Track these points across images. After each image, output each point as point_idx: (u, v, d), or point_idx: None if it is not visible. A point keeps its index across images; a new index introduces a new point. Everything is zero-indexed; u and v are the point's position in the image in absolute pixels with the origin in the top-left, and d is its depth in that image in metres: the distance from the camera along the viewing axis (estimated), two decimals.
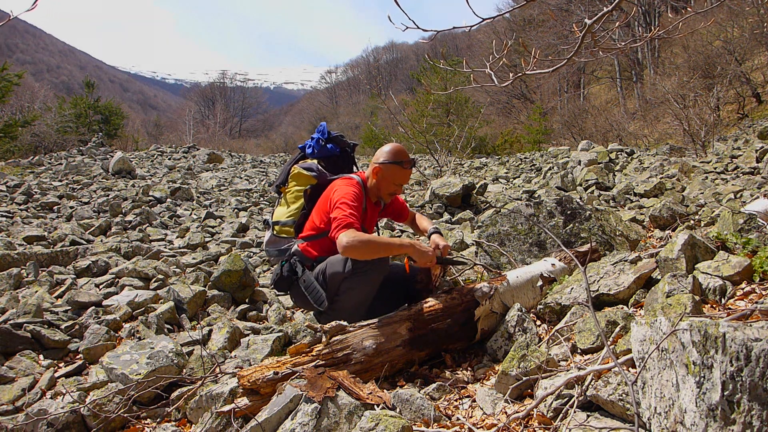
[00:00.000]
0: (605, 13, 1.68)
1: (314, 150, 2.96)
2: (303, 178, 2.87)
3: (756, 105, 19.65)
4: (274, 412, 1.78)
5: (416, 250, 2.45)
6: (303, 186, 2.86)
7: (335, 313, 2.58)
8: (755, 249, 2.39)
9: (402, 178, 2.71)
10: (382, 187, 2.74)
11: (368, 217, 2.82)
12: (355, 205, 2.54)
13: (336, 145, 2.96)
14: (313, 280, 2.65)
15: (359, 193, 2.64)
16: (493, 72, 1.87)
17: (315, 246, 2.75)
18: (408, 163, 2.70)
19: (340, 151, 2.99)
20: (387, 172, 2.69)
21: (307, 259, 2.74)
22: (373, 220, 2.93)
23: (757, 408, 1.16)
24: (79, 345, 3.01)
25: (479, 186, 7.80)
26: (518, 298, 2.61)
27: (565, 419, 1.64)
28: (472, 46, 39.73)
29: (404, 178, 2.72)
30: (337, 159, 2.99)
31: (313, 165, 2.90)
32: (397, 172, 2.70)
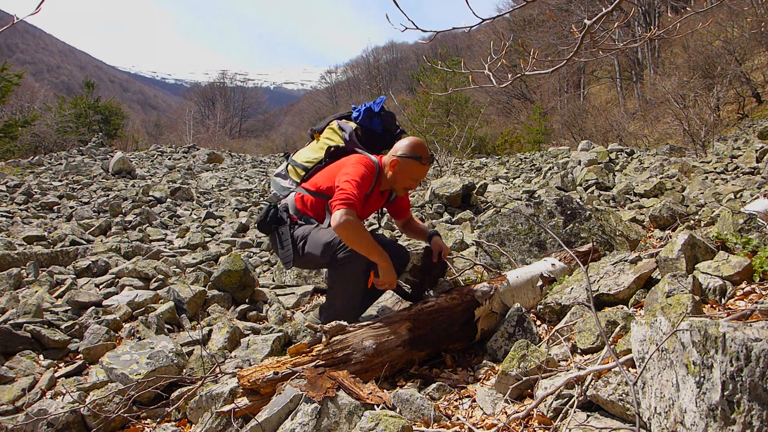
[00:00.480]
0: (605, 13, 1.68)
1: (359, 116, 2.89)
2: (335, 135, 2.85)
3: (756, 105, 19.65)
4: (274, 412, 1.78)
5: (386, 269, 2.46)
6: (330, 142, 2.84)
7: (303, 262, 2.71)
8: (755, 249, 2.39)
9: (419, 174, 2.68)
10: (398, 180, 2.70)
11: (370, 203, 2.78)
12: (363, 187, 2.52)
13: (381, 123, 2.88)
14: (289, 237, 2.66)
15: (371, 176, 2.60)
16: (492, 73, 1.87)
17: (308, 202, 2.75)
18: (426, 159, 2.67)
19: (383, 130, 2.91)
20: (405, 166, 2.65)
21: (296, 211, 2.76)
22: (374, 208, 2.88)
23: (757, 408, 1.16)
24: (79, 345, 3.01)
25: (479, 186, 7.80)
26: (518, 298, 2.61)
27: (565, 419, 1.64)
28: (472, 46, 39.75)
29: (421, 174, 2.69)
30: (376, 136, 2.91)
31: (349, 128, 2.84)
32: (415, 167, 2.66)
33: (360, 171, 2.54)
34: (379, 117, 2.87)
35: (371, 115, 2.87)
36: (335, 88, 76.63)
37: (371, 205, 2.81)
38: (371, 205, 2.80)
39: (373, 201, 2.80)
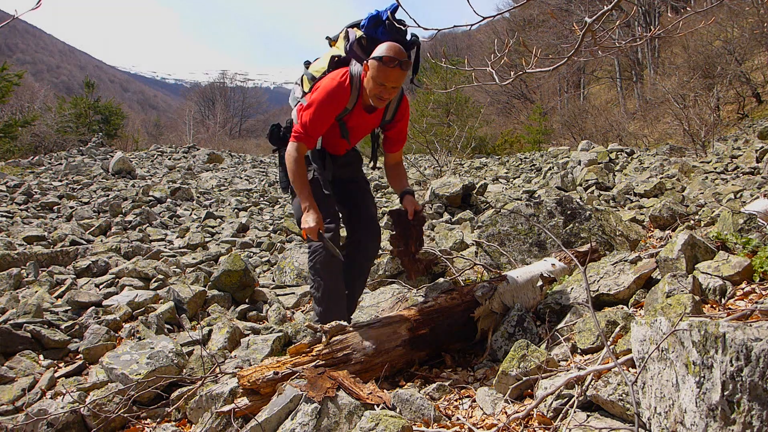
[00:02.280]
0: (606, 11, 1.68)
1: (366, 23, 2.56)
2: (341, 44, 2.61)
3: (756, 105, 19.65)
4: (274, 412, 1.78)
5: (309, 213, 2.36)
6: (336, 51, 2.62)
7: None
8: (755, 249, 2.39)
9: (383, 77, 2.30)
10: (368, 86, 2.38)
11: (353, 120, 2.55)
12: (321, 114, 2.40)
13: (387, 33, 2.50)
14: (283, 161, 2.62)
15: (335, 99, 2.41)
16: (494, 70, 1.87)
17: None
18: (390, 60, 2.26)
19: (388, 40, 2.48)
20: (371, 69, 2.33)
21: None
22: (363, 128, 2.64)
23: (757, 408, 1.16)
24: (79, 345, 3.01)
25: (479, 186, 7.80)
26: (518, 298, 2.61)
27: (565, 419, 1.64)
28: (472, 46, 39.73)
29: (385, 77, 2.30)
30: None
31: (353, 37, 2.57)
32: (379, 69, 2.29)
33: (319, 97, 2.40)
34: (384, 26, 2.52)
35: (377, 23, 2.53)
36: None
37: (356, 123, 2.58)
38: (356, 123, 2.57)
39: (360, 121, 2.57)
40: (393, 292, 3.26)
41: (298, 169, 2.41)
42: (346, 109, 2.47)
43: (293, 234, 6.01)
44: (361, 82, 2.43)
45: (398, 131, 2.72)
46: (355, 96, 2.45)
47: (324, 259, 2.48)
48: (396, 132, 2.72)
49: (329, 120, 2.46)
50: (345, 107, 2.46)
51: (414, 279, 2.67)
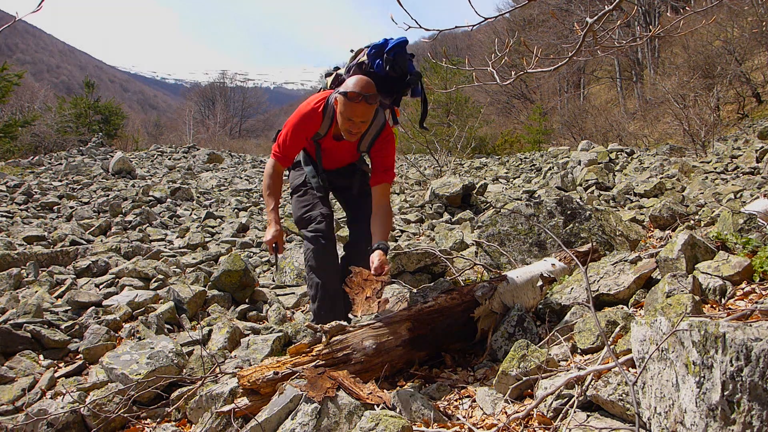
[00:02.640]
0: (607, 11, 1.68)
1: (370, 51, 2.52)
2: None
3: (756, 105, 19.65)
4: (274, 412, 1.78)
5: (267, 229, 2.51)
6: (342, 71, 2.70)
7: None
8: (755, 249, 2.39)
9: (349, 112, 2.28)
10: (339, 120, 2.37)
11: (326, 143, 2.57)
12: (292, 136, 2.48)
13: (382, 66, 2.47)
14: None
15: (304, 124, 2.45)
16: (495, 70, 1.87)
17: None
18: (355, 96, 2.23)
19: (386, 75, 2.48)
20: (339, 104, 2.32)
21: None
22: (338, 154, 2.65)
23: (757, 408, 1.16)
24: (79, 345, 3.01)
25: (479, 186, 7.80)
26: (518, 298, 2.61)
27: (565, 419, 1.64)
28: (472, 46, 39.72)
29: (351, 113, 2.27)
30: (379, 79, 2.45)
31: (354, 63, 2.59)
32: (345, 105, 2.29)
33: (293, 120, 2.49)
34: (384, 58, 2.46)
35: (378, 54, 2.49)
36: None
37: (333, 151, 2.64)
38: (333, 151, 2.63)
39: (333, 147, 2.60)
40: (393, 292, 3.26)
41: (271, 185, 2.54)
42: (318, 134, 2.55)
43: (293, 234, 6.01)
44: (335, 111, 2.42)
45: (378, 162, 2.54)
46: (327, 123, 2.49)
47: (318, 257, 2.54)
48: (376, 162, 2.55)
49: (301, 142, 2.55)
50: (317, 132, 2.53)
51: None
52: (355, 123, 2.32)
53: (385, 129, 2.54)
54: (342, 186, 2.87)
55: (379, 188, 2.52)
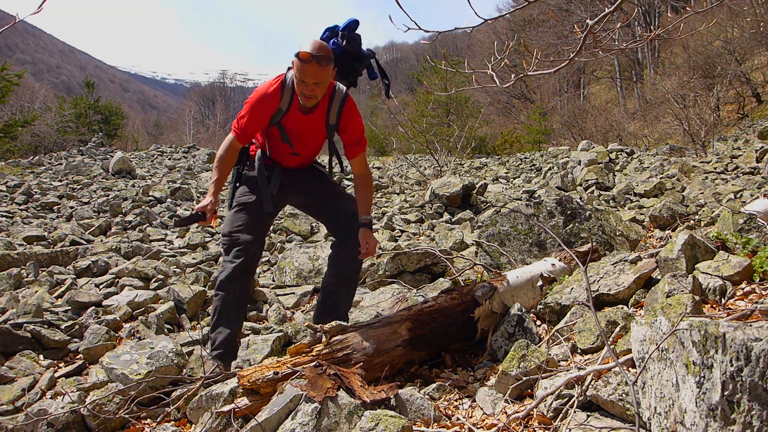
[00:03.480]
0: (607, 13, 1.68)
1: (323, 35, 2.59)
2: None
3: (756, 105, 19.65)
4: (274, 412, 1.78)
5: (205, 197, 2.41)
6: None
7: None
8: (755, 249, 2.39)
9: (301, 73, 2.27)
10: (295, 85, 2.37)
11: (290, 122, 2.51)
12: (251, 112, 2.44)
13: (339, 42, 2.53)
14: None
15: (263, 98, 2.43)
16: (494, 72, 1.87)
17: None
18: (306, 57, 2.23)
19: (343, 52, 2.54)
20: (294, 67, 2.33)
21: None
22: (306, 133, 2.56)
23: (757, 408, 1.16)
24: (79, 345, 3.01)
25: (479, 186, 7.80)
26: (518, 298, 2.61)
27: (565, 419, 1.65)
28: (472, 47, 39.74)
29: (303, 73, 2.26)
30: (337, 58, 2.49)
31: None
32: (297, 65, 2.28)
33: (253, 97, 2.48)
34: (337, 37, 2.54)
35: (332, 35, 2.57)
36: None
37: (301, 131, 2.54)
38: (300, 130, 2.54)
39: (300, 124, 2.52)
40: (393, 292, 3.26)
41: (223, 158, 2.51)
42: (280, 110, 2.46)
43: (293, 234, 6.02)
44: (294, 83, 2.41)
45: (350, 135, 2.59)
46: (288, 97, 2.44)
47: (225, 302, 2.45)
48: (348, 136, 2.60)
49: (261, 120, 2.48)
50: (278, 108, 2.45)
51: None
52: (308, 84, 2.29)
53: (348, 100, 2.55)
54: (313, 192, 2.71)
55: (357, 159, 2.64)
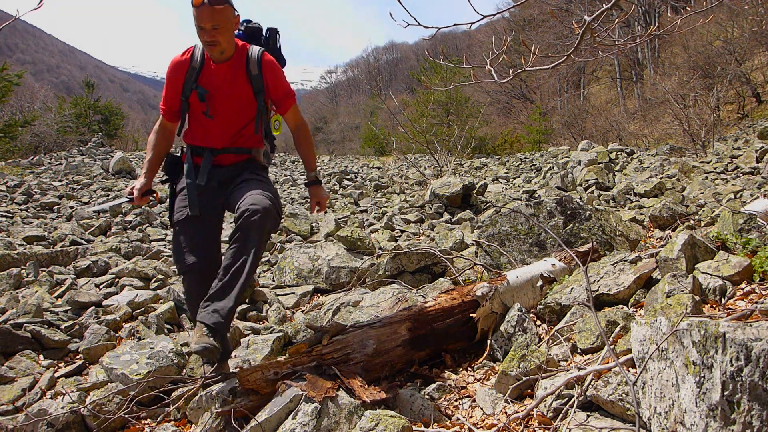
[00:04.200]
0: (605, 9, 1.68)
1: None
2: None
3: (756, 105, 19.65)
4: (274, 412, 1.78)
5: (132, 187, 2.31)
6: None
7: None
8: (755, 249, 2.39)
9: (197, 19, 2.18)
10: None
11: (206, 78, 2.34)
12: (166, 83, 2.37)
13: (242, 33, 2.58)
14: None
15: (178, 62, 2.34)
16: (493, 68, 1.87)
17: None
18: (199, 2, 2.16)
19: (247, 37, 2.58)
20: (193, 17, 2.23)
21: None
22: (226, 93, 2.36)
23: (757, 408, 1.16)
24: (79, 345, 3.01)
25: (479, 186, 7.80)
26: (518, 298, 2.61)
27: (565, 419, 1.64)
28: (472, 46, 39.74)
29: (200, 18, 2.18)
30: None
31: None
32: (193, 13, 2.20)
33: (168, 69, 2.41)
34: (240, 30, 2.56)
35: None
36: (335, 88, 76.68)
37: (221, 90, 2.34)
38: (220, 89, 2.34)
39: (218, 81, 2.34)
40: (393, 292, 3.26)
41: (152, 139, 2.46)
42: (193, 68, 2.34)
43: (293, 234, 6.01)
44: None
45: (276, 87, 2.41)
46: (199, 55, 2.35)
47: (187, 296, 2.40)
48: (274, 89, 2.41)
49: (176, 84, 2.35)
50: (189, 66, 2.34)
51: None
52: (207, 30, 2.19)
53: (266, 54, 2.42)
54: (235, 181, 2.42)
55: (290, 112, 2.49)
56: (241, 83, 2.35)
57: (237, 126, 2.40)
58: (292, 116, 2.51)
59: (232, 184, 2.38)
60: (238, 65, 2.34)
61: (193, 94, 2.33)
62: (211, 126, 2.37)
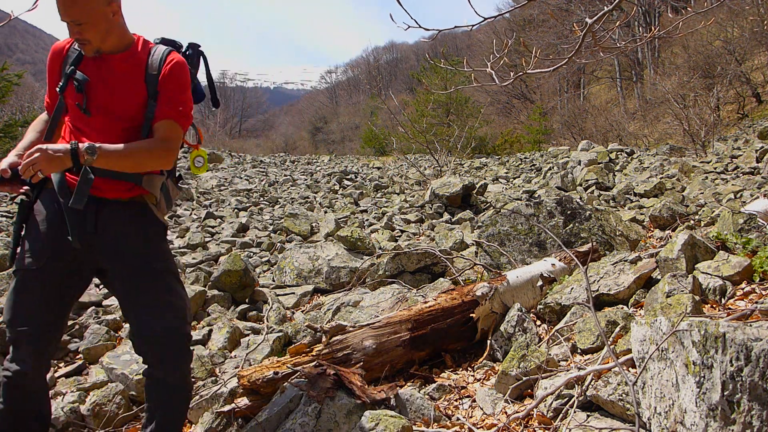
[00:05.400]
0: (606, 12, 1.69)
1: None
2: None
3: (756, 105, 19.64)
4: (274, 412, 1.78)
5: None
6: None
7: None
8: (755, 249, 2.39)
9: (59, 11, 1.75)
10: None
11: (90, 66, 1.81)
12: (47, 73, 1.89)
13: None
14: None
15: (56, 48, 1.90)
16: (494, 71, 1.87)
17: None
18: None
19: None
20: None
21: None
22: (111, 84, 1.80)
23: (757, 408, 1.16)
24: (79, 345, 3.00)
25: (479, 186, 7.80)
26: (518, 298, 2.61)
27: (565, 419, 1.65)
28: (472, 46, 39.73)
29: (60, 12, 1.74)
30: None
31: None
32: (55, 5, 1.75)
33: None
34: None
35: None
36: (335, 88, 76.67)
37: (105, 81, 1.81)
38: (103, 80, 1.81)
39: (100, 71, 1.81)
40: (393, 292, 3.26)
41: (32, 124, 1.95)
42: (74, 49, 1.85)
43: (293, 234, 6.02)
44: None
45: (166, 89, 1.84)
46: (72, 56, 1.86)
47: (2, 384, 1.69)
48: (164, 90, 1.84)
49: (54, 71, 1.87)
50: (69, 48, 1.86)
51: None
52: (71, 25, 1.74)
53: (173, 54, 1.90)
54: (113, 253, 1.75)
55: (160, 125, 1.81)
56: (133, 80, 1.82)
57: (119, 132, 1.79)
58: (164, 130, 1.81)
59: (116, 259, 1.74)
60: (135, 60, 1.84)
61: (70, 85, 1.80)
62: (88, 130, 1.79)
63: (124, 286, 1.74)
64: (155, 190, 1.83)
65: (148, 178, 1.81)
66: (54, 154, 1.59)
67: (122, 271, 1.74)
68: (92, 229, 1.71)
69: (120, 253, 1.74)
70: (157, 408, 1.71)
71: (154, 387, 1.72)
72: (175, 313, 1.71)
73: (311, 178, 12.41)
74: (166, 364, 1.69)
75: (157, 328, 1.68)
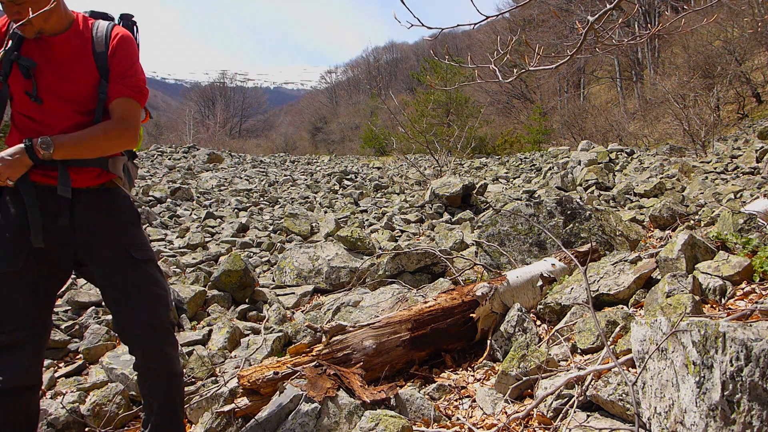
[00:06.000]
0: (608, 10, 1.69)
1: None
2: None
3: (756, 105, 19.64)
4: (274, 412, 1.78)
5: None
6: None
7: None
8: (755, 249, 2.39)
9: None
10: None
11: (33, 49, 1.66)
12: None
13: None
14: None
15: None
16: (496, 68, 1.87)
17: None
18: None
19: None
20: None
21: None
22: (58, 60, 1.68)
23: (757, 408, 1.16)
24: (79, 345, 3.01)
25: (479, 186, 7.80)
26: (518, 298, 2.61)
27: (565, 419, 1.64)
28: (472, 46, 39.72)
29: None
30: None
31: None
32: None
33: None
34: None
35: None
36: (335, 88, 76.65)
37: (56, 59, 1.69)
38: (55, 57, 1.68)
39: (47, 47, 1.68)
40: (393, 292, 3.26)
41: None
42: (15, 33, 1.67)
43: (293, 234, 6.01)
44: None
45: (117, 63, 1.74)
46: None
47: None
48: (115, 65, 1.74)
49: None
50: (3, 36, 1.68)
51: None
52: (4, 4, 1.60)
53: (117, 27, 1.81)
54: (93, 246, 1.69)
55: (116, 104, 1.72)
56: (82, 60, 1.71)
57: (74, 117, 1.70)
58: (120, 109, 1.72)
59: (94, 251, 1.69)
60: (80, 39, 1.72)
61: (15, 69, 1.65)
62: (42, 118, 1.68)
63: (104, 277, 1.69)
64: (119, 172, 1.77)
65: (113, 161, 1.75)
66: (13, 158, 1.55)
67: (101, 262, 1.69)
68: (67, 223, 1.64)
69: (98, 245, 1.68)
70: (154, 398, 1.69)
71: (146, 378, 1.70)
72: (157, 302, 1.68)
73: (311, 178, 12.41)
74: (153, 353, 1.66)
75: (142, 320, 1.64)
